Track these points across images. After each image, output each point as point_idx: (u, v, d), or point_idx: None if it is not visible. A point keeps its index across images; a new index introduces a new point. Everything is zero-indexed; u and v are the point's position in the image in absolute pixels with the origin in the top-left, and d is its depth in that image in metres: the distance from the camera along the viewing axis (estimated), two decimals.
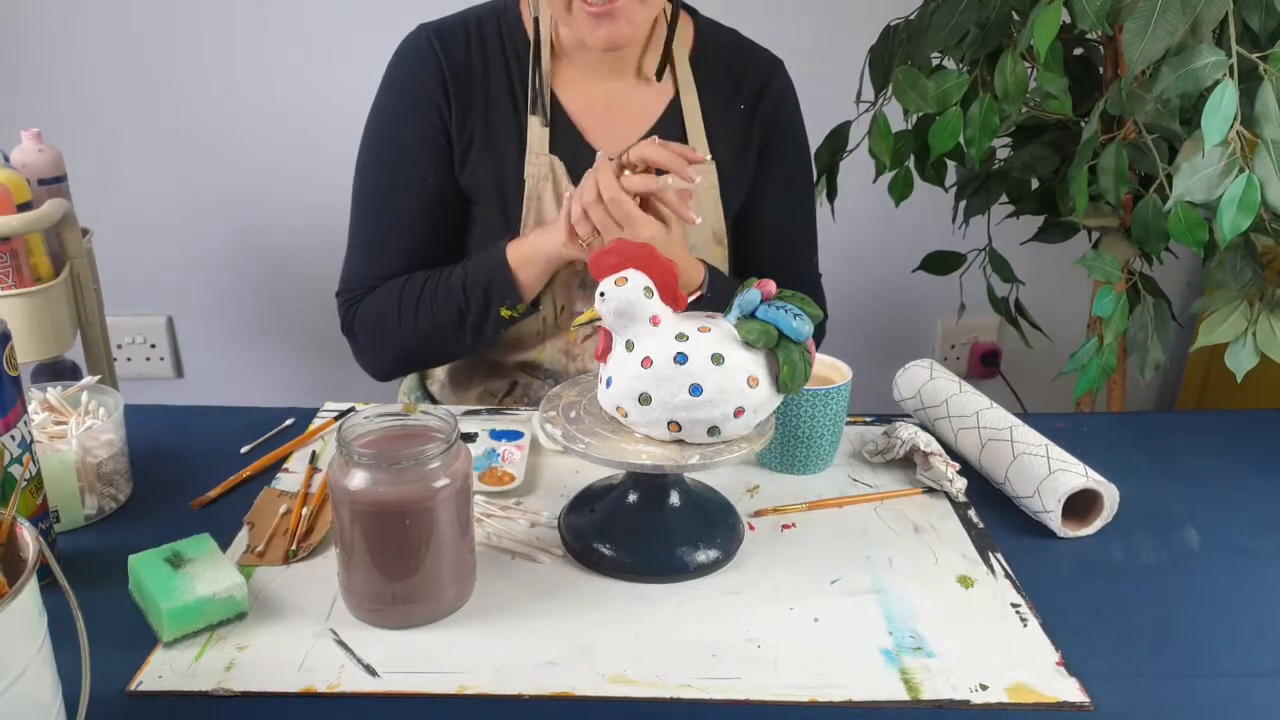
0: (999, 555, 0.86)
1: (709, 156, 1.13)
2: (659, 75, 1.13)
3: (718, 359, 0.76)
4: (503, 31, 1.12)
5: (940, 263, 1.58)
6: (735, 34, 1.20)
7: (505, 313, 1.07)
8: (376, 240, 1.14)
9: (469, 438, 1.01)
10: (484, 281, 1.06)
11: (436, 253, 1.13)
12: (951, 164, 1.47)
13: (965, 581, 0.82)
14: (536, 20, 1.09)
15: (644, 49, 1.13)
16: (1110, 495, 0.88)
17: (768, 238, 1.16)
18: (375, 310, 1.13)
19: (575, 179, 1.08)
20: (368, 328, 1.14)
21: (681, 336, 0.77)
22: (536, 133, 1.10)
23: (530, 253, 1.04)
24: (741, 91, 1.17)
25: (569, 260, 1.05)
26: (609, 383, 0.79)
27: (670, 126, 1.14)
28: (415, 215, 1.13)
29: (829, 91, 1.45)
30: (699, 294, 1.08)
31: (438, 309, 1.08)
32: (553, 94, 1.11)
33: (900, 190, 1.44)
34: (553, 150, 1.10)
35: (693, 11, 1.18)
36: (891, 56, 1.37)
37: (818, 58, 1.60)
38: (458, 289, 1.07)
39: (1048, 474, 0.88)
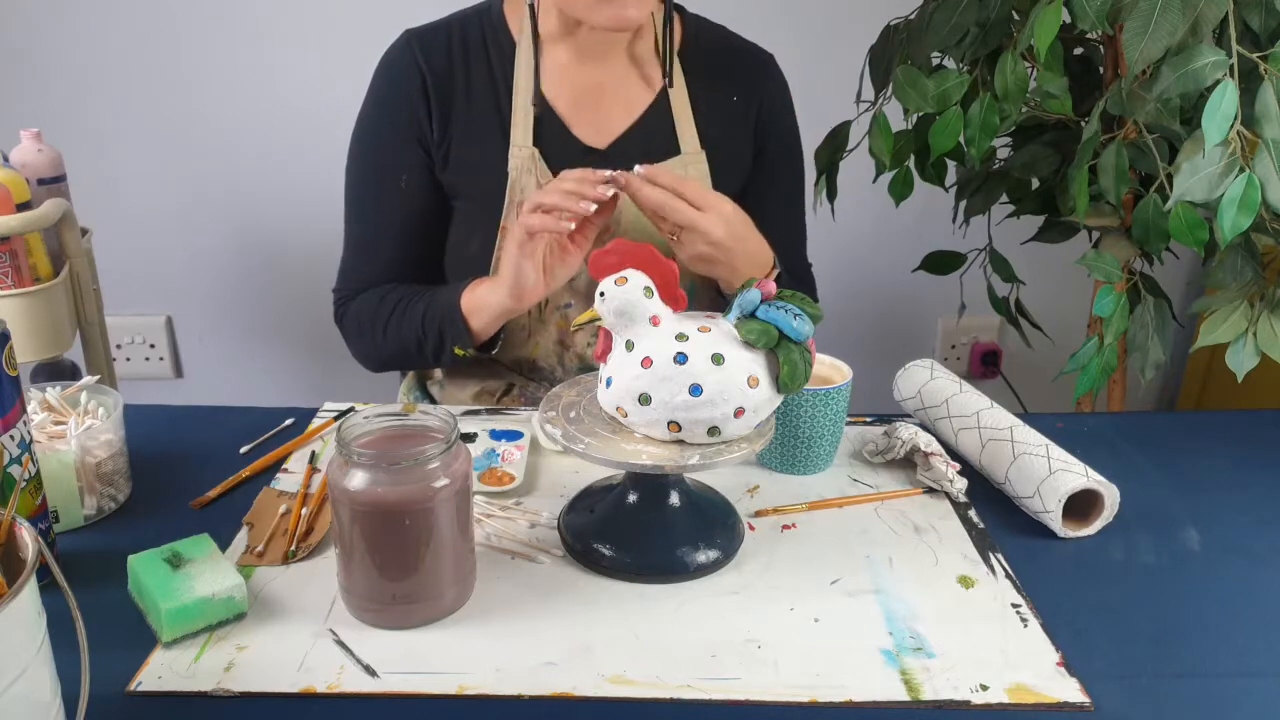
0: (999, 555, 0.86)
1: (699, 148, 1.13)
2: (665, 76, 1.13)
3: (718, 359, 0.76)
4: (485, 32, 1.13)
5: (940, 263, 1.57)
6: (724, 29, 1.21)
7: (459, 351, 1.09)
8: (362, 241, 1.18)
9: (469, 438, 1.01)
10: (439, 320, 1.08)
11: (422, 250, 1.17)
12: (951, 164, 1.47)
13: (965, 582, 0.82)
14: (532, 7, 1.10)
15: (634, 36, 1.13)
16: (1111, 495, 0.88)
17: (761, 232, 1.17)
18: (356, 318, 1.17)
19: (555, 170, 1.09)
20: (353, 331, 1.18)
21: (681, 336, 0.77)
22: (520, 125, 1.11)
23: (479, 304, 1.06)
24: (734, 84, 1.17)
25: (517, 312, 1.06)
26: (609, 383, 0.79)
27: (658, 117, 1.14)
28: (398, 218, 1.15)
29: (829, 91, 1.45)
30: (775, 271, 1.09)
31: (402, 334, 1.11)
32: (537, 86, 1.11)
33: (900, 190, 1.44)
34: (536, 142, 1.11)
35: (681, 9, 1.19)
36: (891, 56, 1.37)
37: (818, 58, 1.60)
38: (418, 321, 1.10)
39: (1048, 474, 0.88)
